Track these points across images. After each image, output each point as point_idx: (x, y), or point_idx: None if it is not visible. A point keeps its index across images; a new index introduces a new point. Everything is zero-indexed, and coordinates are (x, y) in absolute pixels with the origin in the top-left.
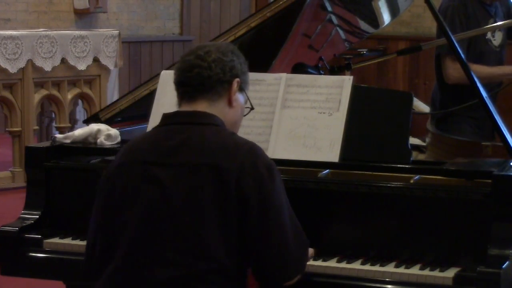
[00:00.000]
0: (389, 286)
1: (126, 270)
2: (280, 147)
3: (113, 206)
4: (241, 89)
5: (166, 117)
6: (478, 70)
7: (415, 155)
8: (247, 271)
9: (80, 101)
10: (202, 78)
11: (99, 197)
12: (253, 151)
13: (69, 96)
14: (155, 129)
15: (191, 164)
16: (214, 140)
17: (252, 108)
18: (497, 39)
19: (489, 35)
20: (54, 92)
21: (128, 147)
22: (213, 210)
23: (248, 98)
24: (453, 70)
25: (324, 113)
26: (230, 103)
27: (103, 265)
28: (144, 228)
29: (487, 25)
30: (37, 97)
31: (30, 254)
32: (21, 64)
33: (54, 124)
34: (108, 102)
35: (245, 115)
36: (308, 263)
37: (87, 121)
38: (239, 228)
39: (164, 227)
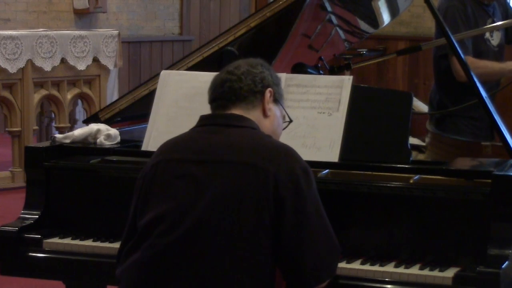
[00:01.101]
0: (388, 286)
1: (155, 260)
2: None
3: (149, 202)
4: (276, 100)
5: (203, 119)
6: (490, 66)
7: (415, 155)
8: (275, 273)
9: (79, 101)
10: (234, 90)
11: (135, 196)
12: (290, 154)
13: (69, 96)
14: (192, 130)
15: (228, 162)
16: (251, 141)
17: (290, 121)
18: (495, 39)
19: (487, 35)
20: (54, 92)
21: (164, 147)
22: (249, 207)
23: (285, 111)
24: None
25: (323, 113)
26: (264, 113)
27: (128, 254)
28: (177, 222)
29: (485, 25)
30: (36, 97)
31: (30, 254)
32: (21, 64)
33: (53, 124)
34: (108, 102)
35: (284, 129)
36: None
37: (86, 121)
38: (273, 227)
39: (197, 222)
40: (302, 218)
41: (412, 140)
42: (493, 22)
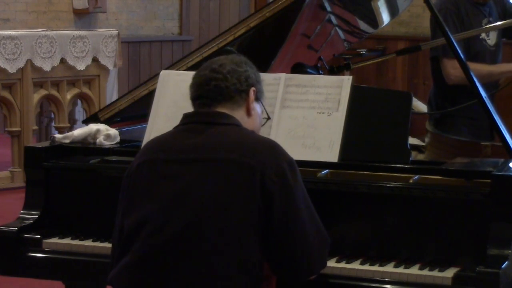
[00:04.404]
0: (388, 286)
1: (144, 263)
2: None
3: (135, 203)
4: (257, 98)
5: (186, 117)
6: (478, 68)
7: (414, 155)
8: (263, 268)
9: (79, 101)
10: (220, 89)
11: (121, 196)
12: (274, 148)
13: (68, 96)
14: (176, 128)
15: (214, 160)
16: (235, 137)
17: (268, 118)
18: (491, 39)
19: (483, 35)
20: (53, 92)
21: (149, 146)
22: (237, 204)
23: (264, 108)
24: (453, 70)
25: (323, 113)
26: (248, 112)
27: (120, 257)
28: (164, 222)
29: (480, 25)
30: (36, 97)
31: (29, 254)
32: (20, 64)
33: (53, 124)
34: (107, 102)
35: (262, 125)
36: None
37: (86, 121)
38: (262, 222)
39: (185, 222)
40: (291, 212)
41: (412, 140)
42: (489, 21)
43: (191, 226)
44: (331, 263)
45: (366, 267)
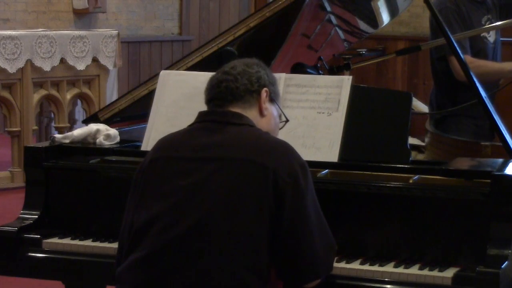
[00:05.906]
0: (388, 286)
1: (153, 259)
2: None
3: (147, 200)
4: (272, 100)
5: (201, 115)
6: (489, 65)
7: (414, 155)
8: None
9: (79, 101)
10: (230, 89)
11: (133, 191)
12: (288, 150)
13: (68, 96)
14: (190, 126)
15: (227, 159)
16: (250, 138)
17: (287, 120)
18: (491, 36)
19: (484, 33)
20: (53, 92)
21: (162, 142)
22: (249, 204)
23: (282, 110)
24: None
25: (323, 113)
26: (261, 112)
27: (128, 254)
28: (175, 219)
29: (481, 23)
30: (36, 97)
31: (29, 254)
32: (20, 64)
33: (53, 124)
34: (107, 102)
35: (280, 128)
36: None
37: (86, 121)
38: (272, 223)
39: (196, 219)
40: (300, 213)
41: (412, 140)
42: (489, 18)
43: (202, 224)
44: None
45: (366, 267)
